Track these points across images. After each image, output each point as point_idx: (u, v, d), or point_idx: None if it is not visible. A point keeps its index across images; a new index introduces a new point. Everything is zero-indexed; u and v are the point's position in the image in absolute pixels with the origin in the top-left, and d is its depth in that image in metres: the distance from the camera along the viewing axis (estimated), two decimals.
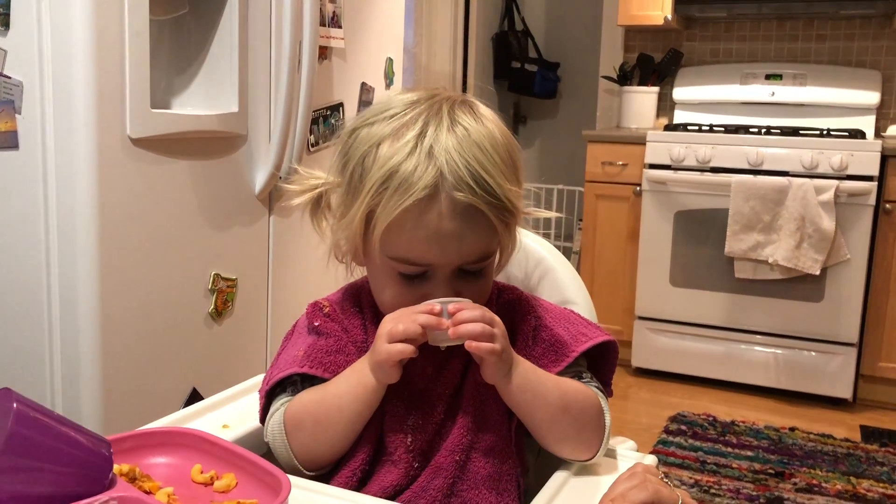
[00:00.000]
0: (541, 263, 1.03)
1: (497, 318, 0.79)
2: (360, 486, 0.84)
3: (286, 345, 0.90)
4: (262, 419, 0.87)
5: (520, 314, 0.89)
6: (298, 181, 0.89)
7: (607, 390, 0.90)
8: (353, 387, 0.80)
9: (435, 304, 0.78)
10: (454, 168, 0.77)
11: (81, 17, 1.35)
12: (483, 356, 0.78)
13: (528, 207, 0.87)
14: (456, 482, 0.83)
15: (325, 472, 0.85)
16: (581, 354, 0.87)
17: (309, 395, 0.83)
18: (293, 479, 0.72)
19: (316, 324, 0.87)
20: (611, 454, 0.86)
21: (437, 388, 0.84)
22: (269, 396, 0.87)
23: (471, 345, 0.77)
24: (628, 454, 0.86)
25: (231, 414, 0.96)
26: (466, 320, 0.77)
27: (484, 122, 0.81)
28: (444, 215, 0.77)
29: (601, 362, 0.91)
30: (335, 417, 0.80)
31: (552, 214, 0.94)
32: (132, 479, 0.73)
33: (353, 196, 0.82)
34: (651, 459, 0.83)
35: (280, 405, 0.85)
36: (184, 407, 1.63)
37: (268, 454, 0.94)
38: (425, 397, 0.84)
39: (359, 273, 0.92)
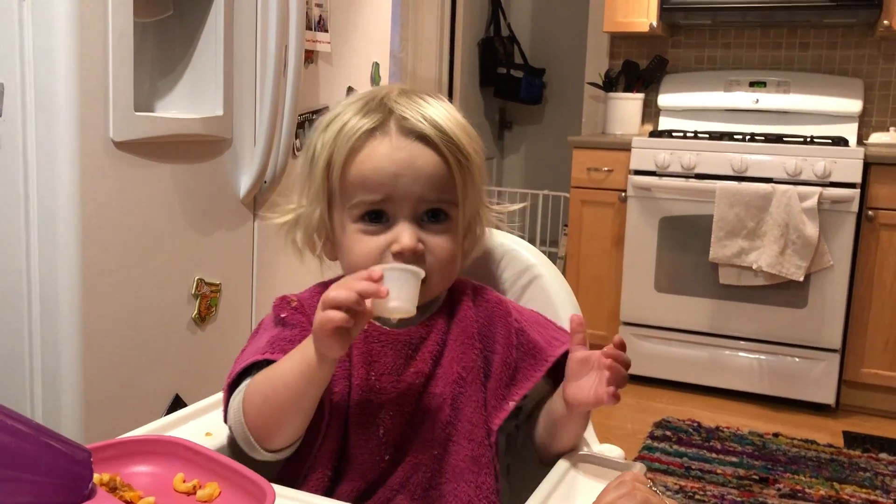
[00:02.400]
0: (529, 270, 1.03)
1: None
2: (332, 483, 0.83)
3: (251, 341, 0.90)
4: (225, 415, 0.86)
5: (498, 316, 0.90)
6: (279, 210, 0.93)
7: None
8: (297, 362, 0.77)
9: (376, 269, 0.74)
10: (402, 108, 0.83)
11: (64, 18, 1.34)
12: (611, 402, 0.79)
13: (494, 204, 0.92)
14: (434, 476, 0.83)
15: (295, 475, 0.84)
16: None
17: (261, 374, 0.82)
18: (277, 488, 0.71)
19: (283, 315, 0.87)
20: (599, 462, 0.86)
21: (406, 378, 0.84)
22: (232, 391, 0.86)
23: (610, 392, 0.78)
24: (617, 462, 0.85)
25: (214, 421, 0.94)
26: (627, 363, 0.79)
27: (439, 98, 0.87)
28: (394, 144, 0.82)
29: None
30: (281, 394, 0.78)
31: (515, 206, 0.97)
32: (113, 489, 0.71)
33: (312, 165, 0.86)
34: (640, 467, 0.82)
35: (242, 387, 0.84)
36: (166, 413, 1.62)
37: (250, 462, 0.93)
38: (395, 389, 0.84)
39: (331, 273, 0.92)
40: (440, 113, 0.84)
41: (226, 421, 0.87)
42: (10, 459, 0.62)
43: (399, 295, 0.73)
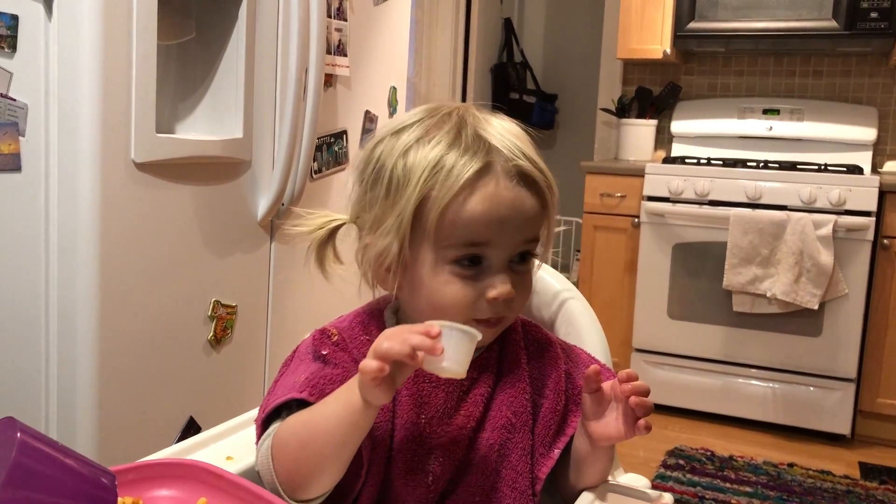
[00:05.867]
0: (557, 297, 1.02)
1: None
2: None
3: (284, 370, 0.85)
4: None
5: (548, 358, 0.87)
6: (305, 222, 0.86)
7: None
8: (341, 406, 0.72)
9: (435, 325, 0.70)
10: (503, 142, 0.78)
11: (89, 41, 1.35)
12: (641, 434, 0.77)
13: None
14: None
15: None
16: None
17: (297, 417, 0.77)
18: None
19: (324, 352, 0.82)
20: (627, 493, 0.84)
21: (457, 422, 0.81)
22: (266, 426, 0.82)
23: (648, 424, 0.76)
24: (645, 492, 0.84)
25: (235, 445, 0.94)
26: (646, 391, 0.75)
27: (504, 119, 0.83)
28: (501, 184, 0.77)
29: None
30: (321, 440, 0.73)
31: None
32: None
33: (394, 197, 0.79)
34: (668, 498, 0.81)
35: (272, 430, 0.80)
36: (180, 435, 1.61)
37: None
38: (445, 433, 0.80)
39: (371, 297, 0.88)
40: (529, 147, 0.81)
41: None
42: (37, 482, 0.61)
43: (453, 356, 0.70)
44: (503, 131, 0.80)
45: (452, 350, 0.70)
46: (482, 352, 0.85)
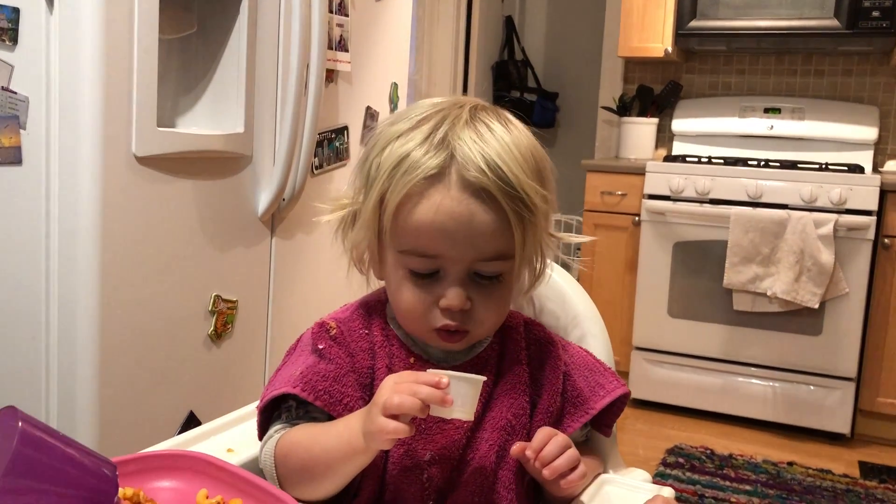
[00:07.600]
0: (578, 324, 1.01)
1: (569, 439, 0.77)
2: None
3: (287, 360, 0.86)
4: (261, 436, 0.84)
5: (548, 358, 0.86)
6: (331, 201, 0.86)
7: (608, 431, 0.89)
8: (342, 445, 0.74)
9: (443, 376, 0.70)
10: (465, 152, 0.74)
11: (90, 34, 1.35)
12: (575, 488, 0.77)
13: (557, 232, 0.84)
14: None
15: None
16: None
17: (300, 436, 0.78)
18: None
19: (320, 346, 0.82)
20: (628, 487, 0.84)
21: (454, 421, 0.80)
22: (266, 414, 0.84)
23: (570, 482, 0.76)
24: (645, 486, 0.84)
25: (236, 438, 0.94)
26: (553, 456, 0.75)
27: (509, 125, 0.79)
28: (453, 196, 0.74)
29: (608, 405, 0.88)
30: (321, 469, 0.76)
31: (581, 238, 0.90)
32: (136, 503, 0.70)
33: (368, 191, 0.79)
34: (669, 492, 0.81)
35: (274, 432, 0.81)
36: (180, 430, 1.61)
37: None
38: (443, 431, 0.80)
39: (371, 288, 0.89)
40: (507, 154, 0.75)
41: (261, 438, 0.85)
42: (38, 471, 0.61)
43: (463, 404, 0.71)
44: (484, 139, 0.75)
45: (461, 399, 0.71)
46: (482, 350, 0.84)
